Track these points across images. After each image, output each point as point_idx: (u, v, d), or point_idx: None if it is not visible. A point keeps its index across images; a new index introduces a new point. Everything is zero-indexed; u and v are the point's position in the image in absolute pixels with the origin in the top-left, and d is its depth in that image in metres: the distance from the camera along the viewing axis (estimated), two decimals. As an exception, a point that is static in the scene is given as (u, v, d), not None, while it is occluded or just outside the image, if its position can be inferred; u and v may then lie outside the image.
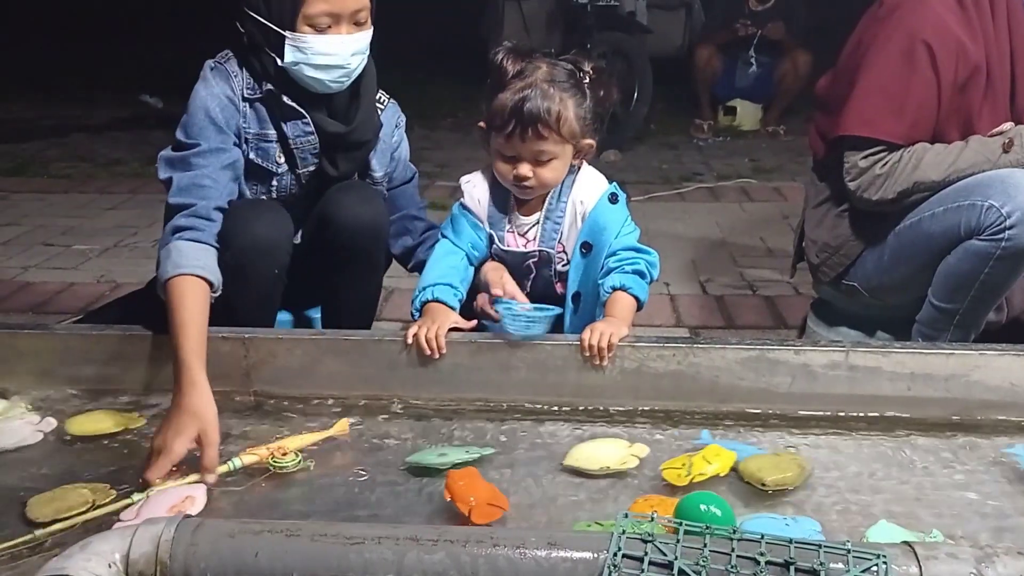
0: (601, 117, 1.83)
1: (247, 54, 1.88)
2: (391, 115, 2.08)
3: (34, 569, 1.05)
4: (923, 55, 1.97)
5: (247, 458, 1.48)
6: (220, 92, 1.85)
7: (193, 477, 1.43)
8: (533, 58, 1.77)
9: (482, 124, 1.80)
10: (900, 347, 1.69)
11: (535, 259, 1.85)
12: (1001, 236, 1.88)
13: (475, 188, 1.88)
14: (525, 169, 1.75)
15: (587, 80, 1.78)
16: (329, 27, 1.81)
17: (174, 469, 1.44)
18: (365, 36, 1.86)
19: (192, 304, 1.61)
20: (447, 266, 1.82)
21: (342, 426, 1.60)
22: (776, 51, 5.64)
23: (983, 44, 2.01)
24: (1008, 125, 2.02)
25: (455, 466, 1.43)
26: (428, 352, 1.67)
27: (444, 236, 1.88)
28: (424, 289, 1.78)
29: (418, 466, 1.47)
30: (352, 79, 1.89)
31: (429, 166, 4.54)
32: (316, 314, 2.13)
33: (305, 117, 1.90)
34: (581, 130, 1.76)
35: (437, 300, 1.76)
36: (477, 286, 1.86)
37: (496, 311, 1.71)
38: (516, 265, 1.86)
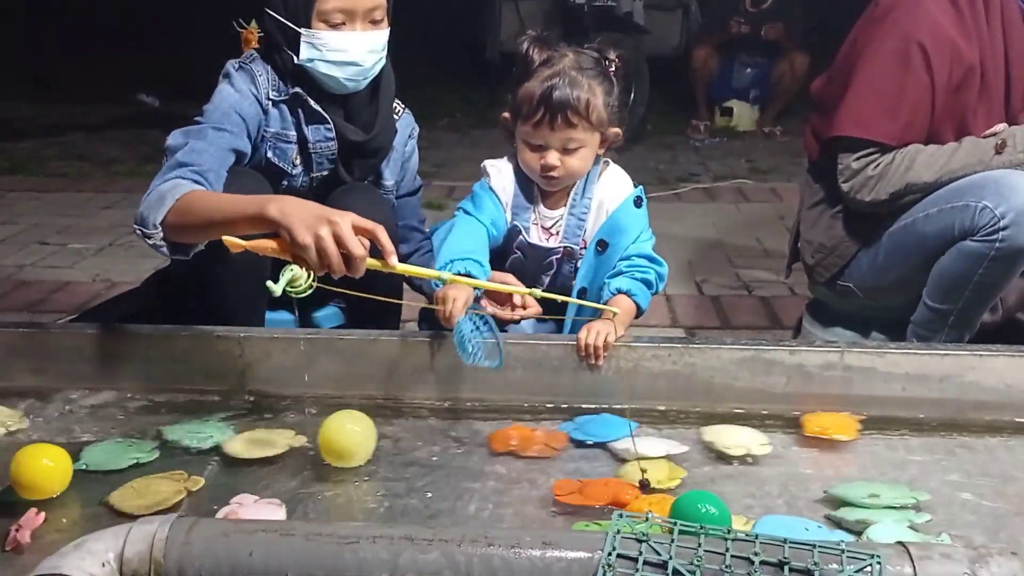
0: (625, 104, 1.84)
1: (269, 55, 1.90)
2: (406, 124, 2.08)
3: (30, 567, 1.05)
4: (917, 56, 1.97)
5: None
6: (246, 89, 1.87)
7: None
8: (559, 47, 1.77)
9: (506, 115, 1.81)
10: (895, 348, 1.69)
11: (558, 255, 1.86)
12: (995, 237, 1.89)
13: (501, 174, 1.87)
14: (553, 158, 1.75)
15: (613, 68, 1.78)
16: (343, 23, 1.83)
17: None
18: (381, 35, 1.87)
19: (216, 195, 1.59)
20: (473, 242, 1.78)
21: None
22: (772, 52, 5.65)
23: (977, 45, 2.01)
24: (1001, 126, 2.02)
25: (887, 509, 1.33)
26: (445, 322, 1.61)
27: (465, 212, 1.85)
28: (451, 262, 1.70)
29: (842, 500, 1.36)
30: (368, 78, 1.90)
31: (426, 166, 4.52)
32: (319, 312, 2.11)
33: (328, 123, 1.91)
34: (608, 118, 1.77)
35: (465, 273, 1.67)
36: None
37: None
38: (538, 260, 1.86)
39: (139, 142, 5.27)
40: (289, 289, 1.39)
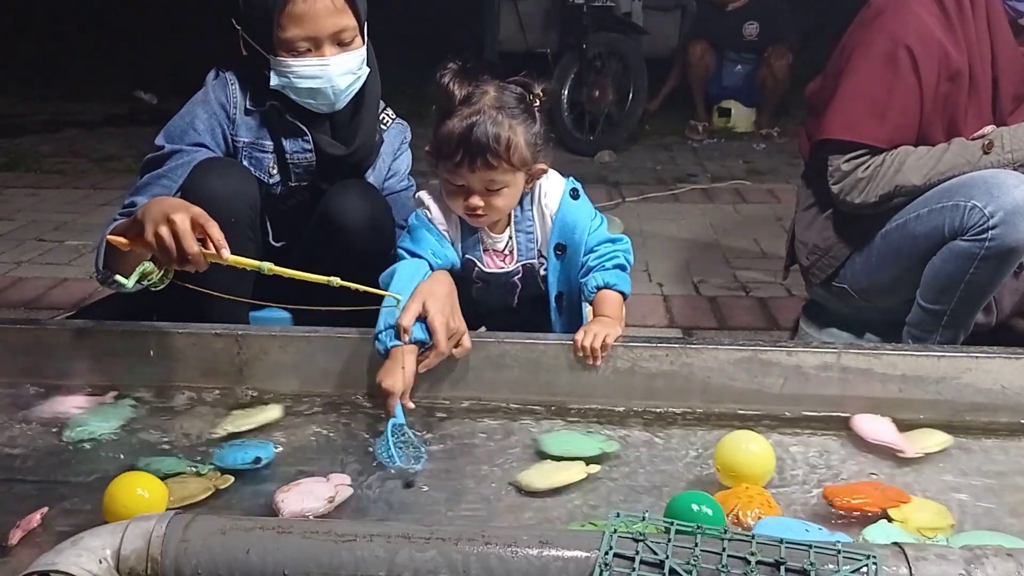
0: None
1: (246, 68, 1.88)
2: (396, 133, 2.06)
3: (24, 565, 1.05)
4: (905, 60, 1.98)
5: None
6: (213, 100, 1.86)
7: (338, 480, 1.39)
8: (481, 81, 1.70)
9: (428, 150, 1.74)
10: (892, 349, 1.69)
11: (519, 275, 1.83)
12: (984, 236, 1.90)
13: (438, 208, 1.79)
14: (476, 200, 1.69)
15: (537, 103, 1.72)
16: (309, 50, 1.79)
17: None
18: (352, 56, 1.84)
19: None
20: (410, 288, 1.66)
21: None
22: (758, 51, 5.65)
23: (965, 48, 2.02)
24: (989, 128, 2.03)
25: None
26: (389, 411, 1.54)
27: (402, 249, 1.77)
28: (389, 328, 1.60)
29: None
30: (343, 99, 1.88)
31: (423, 165, 4.52)
32: (260, 313, 2.08)
33: (306, 135, 1.89)
34: (532, 156, 1.70)
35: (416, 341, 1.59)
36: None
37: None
38: (501, 284, 1.84)
39: (136, 139, 5.26)
40: (145, 283, 1.49)
